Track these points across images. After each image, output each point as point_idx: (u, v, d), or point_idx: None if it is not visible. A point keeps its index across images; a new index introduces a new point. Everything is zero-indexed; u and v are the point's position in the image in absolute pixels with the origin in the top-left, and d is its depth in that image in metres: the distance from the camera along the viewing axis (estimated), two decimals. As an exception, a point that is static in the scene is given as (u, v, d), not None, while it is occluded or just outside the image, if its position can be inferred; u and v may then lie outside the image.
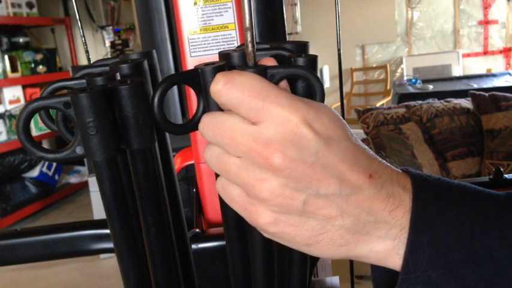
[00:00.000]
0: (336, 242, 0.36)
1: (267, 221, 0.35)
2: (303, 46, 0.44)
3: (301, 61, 0.38)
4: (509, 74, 4.62)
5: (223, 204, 0.42)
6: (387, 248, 0.36)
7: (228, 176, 0.36)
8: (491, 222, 0.35)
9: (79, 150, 0.38)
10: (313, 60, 0.38)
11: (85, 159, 3.67)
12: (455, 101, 2.80)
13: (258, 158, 0.34)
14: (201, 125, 0.37)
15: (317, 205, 0.35)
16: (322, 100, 0.37)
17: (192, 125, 0.39)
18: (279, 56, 0.41)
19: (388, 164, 0.37)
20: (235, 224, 0.45)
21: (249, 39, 0.35)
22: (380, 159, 0.37)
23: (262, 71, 0.35)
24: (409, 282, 0.35)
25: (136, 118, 0.38)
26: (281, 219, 0.35)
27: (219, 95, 0.35)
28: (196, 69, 0.38)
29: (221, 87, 0.34)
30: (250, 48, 0.36)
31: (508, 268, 0.34)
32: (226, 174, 0.36)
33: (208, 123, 0.36)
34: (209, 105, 0.38)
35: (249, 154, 0.34)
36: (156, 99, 0.36)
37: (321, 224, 0.35)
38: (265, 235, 0.37)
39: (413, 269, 0.35)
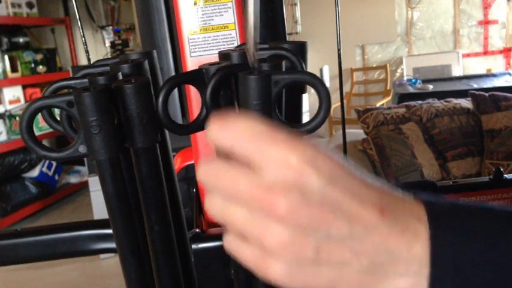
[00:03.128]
0: (355, 286, 0.34)
1: (279, 275, 0.33)
2: (301, 46, 0.44)
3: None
4: (509, 74, 4.62)
5: None
6: (407, 285, 0.34)
7: (234, 228, 0.34)
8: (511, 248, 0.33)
9: (82, 149, 0.38)
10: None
11: (85, 159, 3.67)
12: (455, 101, 2.80)
13: (262, 205, 0.32)
14: (200, 173, 0.34)
15: (330, 250, 0.33)
16: (329, 107, 0.36)
17: (196, 125, 0.39)
18: (278, 55, 0.41)
19: (399, 194, 0.35)
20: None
21: (252, 48, 0.34)
22: (389, 189, 0.35)
23: (267, 78, 0.34)
24: None
25: (141, 117, 0.38)
26: (295, 271, 0.33)
27: (214, 141, 0.33)
28: (200, 69, 0.38)
29: (216, 133, 0.33)
30: (253, 57, 0.34)
31: None
32: (232, 226, 0.34)
33: (208, 172, 0.34)
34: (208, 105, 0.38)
35: (253, 203, 0.32)
36: (160, 100, 0.37)
37: (337, 269, 0.33)
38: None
39: None
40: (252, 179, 0.32)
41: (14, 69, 4.12)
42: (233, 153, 0.33)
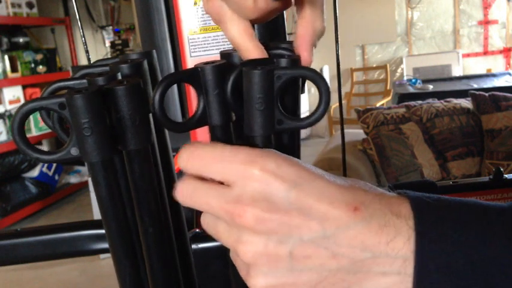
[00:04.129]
0: (339, 286, 0.34)
1: (262, 286, 0.34)
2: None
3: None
4: (509, 74, 4.62)
5: None
6: (393, 282, 0.33)
7: (222, 242, 0.36)
8: (501, 240, 0.32)
9: (74, 151, 0.38)
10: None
11: (85, 159, 3.66)
12: (455, 101, 2.80)
13: (233, 218, 0.33)
14: (177, 194, 0.36)
15: (305, 253, 0.33)
16: (328, 101, 0.37)
17: (192, 123, 0.40)
18: (278, 55, 0.41)
19: (379, 191, 0.34)
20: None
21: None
22: (369, 188, 0.34)
23: (270, 72, 0.35)
24: None
25: (133, 119, 0.38)
26: (275, 280, 0.33)
27: (186, 169, 0.35)
28: (196, 68, 0.38)
29: (186, 162, 0.35)
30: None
31: None
32: (220, 240, 0.36)
33: (185, 191, 0.35)
34: (209, 102, 0.39)
35: (226, 217, 0.33)
36: (157, 97, 0.37)
37: (317, 272, 0.33)
38: None
39: None
40: (222, 194, 0.33)
41: (14, 69, 4.12)
42: (204, 175, 0.35)
